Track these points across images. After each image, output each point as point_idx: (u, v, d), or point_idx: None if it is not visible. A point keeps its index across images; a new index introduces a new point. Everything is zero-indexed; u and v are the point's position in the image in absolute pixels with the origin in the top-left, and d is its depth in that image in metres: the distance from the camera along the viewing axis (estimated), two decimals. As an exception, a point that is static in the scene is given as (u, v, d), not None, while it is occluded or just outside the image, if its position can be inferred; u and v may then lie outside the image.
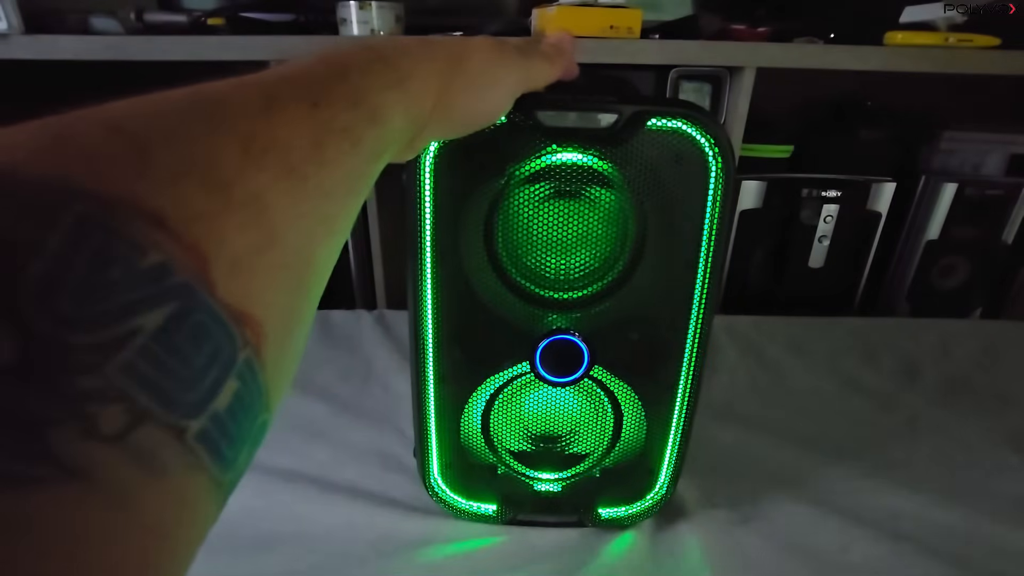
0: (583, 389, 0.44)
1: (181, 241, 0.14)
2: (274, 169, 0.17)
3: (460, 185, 0.37)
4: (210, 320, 0.14)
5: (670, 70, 0.82)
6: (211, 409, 0.14)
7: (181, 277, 0.14)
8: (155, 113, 0.15)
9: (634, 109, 0.35)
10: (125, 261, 0.13)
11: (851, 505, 0.51)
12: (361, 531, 0.48)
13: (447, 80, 0.25)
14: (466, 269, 0.39)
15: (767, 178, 0.89)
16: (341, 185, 0.19)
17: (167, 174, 0.14)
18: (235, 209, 0.15)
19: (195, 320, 0.14)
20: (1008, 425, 0.62)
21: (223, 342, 0.15)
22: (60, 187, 0.13)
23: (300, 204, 0.17)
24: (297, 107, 0.18)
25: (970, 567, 0.45)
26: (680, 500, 0.51)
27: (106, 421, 0.12)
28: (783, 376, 0.72)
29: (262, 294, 0.16)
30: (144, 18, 0.78)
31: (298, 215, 0.17)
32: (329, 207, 0.19)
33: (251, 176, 0.16)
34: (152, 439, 0.13)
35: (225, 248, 0.15)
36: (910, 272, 0.95)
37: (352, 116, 0.19)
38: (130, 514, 0.13)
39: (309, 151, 0.18)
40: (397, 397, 0.65)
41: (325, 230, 0.19)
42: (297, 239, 0.17)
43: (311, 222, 0.18)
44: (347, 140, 0.19)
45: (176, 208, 0.14)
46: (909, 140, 0.95)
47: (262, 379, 0.16)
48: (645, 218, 0.38)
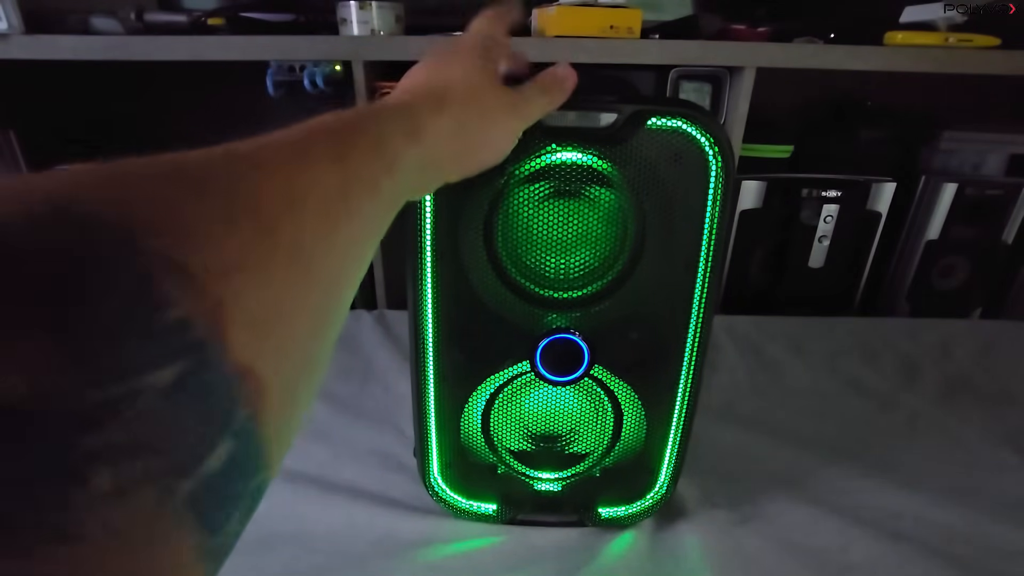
0: (583, 389, 0.44)
1: (203, 297, 0.14)
2: (311, 216, 0.17)
3: (460, 185, 0.37)
4: (216, 379, 0.14)
5: (670, 70, 0.82)
6: (203, 470, 0.14)
7: (198, 334, 0.13)
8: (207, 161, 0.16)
9: (634, 108, 0.35)
10: (151, 314, 0.13)
11: (851, 505, 0.51)
12: (361, 531, 0.48)
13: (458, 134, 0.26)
14: (466, 269, 0.39)
15: (767, 178, 0.89)
16: (364, 232, 0.20)
17: (200, 228, 0.14)
18: (261, 263, 0.15)
19: (202, 379, 0.14)
20: (1008, 425, 0.62)
21: (223, 402, 0.14)
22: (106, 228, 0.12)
23: (332, 251, 0.18)
24: (326, 159, 0.19)
25: (970, 567, 0.45)
26: (680, 500, 0.51)
27: (100, 482, 0.12)
28: (783, 376, 0.72)
29: (275, 348, 0.16)
30: (144, 18, 0.78)
31: (330, 262, 0.18)
32: (355, 252, 0.20)
33: (292, 222, 0.16)
34: (143, 502, 0.12)
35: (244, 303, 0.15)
36: (910, 272, 0.95)
37: (374, 167, 0.20)
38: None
39: (339, 202, 0.18)
40: (397, 397, 0.65)
41: (346, 279, 0.20)
42: (326, 286, 0.18)
43: (337, 269, 0.19)
44: (369, 190, 0.20)
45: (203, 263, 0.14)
46: (909, 140, 0.95)
47: (259, 439, 0.16)
48: (645, 217, 0.38)
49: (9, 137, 0.86)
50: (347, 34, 0.78)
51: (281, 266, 0.16)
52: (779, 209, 0.89)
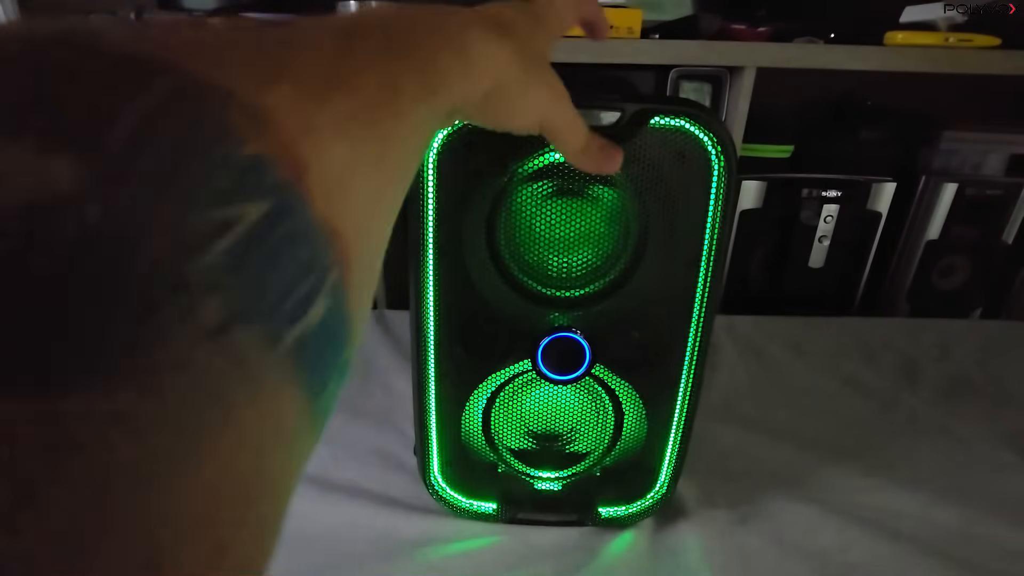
0: (584, 387, 0.44)
1: (279, 141, 0.13)
2: (356, 100, 0.16)
3: (462, 183, 0.37)
4: (307, 226, 0.13)
5: (670, 70, 0.81)
6: (304, 323, 0.13)
7: (280, 176, 0.12)
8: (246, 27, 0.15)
9: (637, 107, 0.35)
10: (225, 143, 0.12)
11: (851, 505, 0.51)
12: (361, 531, 0.48)
13: (504, 78, 0.24)
14: (468, 267, 0.39)
15: (767, 178, 0.88)
16: (408, 141, 0.19)
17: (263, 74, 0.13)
18: (328, 126, 0.14)
19: (292, 223, 0.13)
20: (1008, 425, 0.62)
21: (318, 255, 0.13)
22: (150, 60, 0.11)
23: (378, 144, 0.16)
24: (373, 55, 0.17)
25: (970, 567, 0.45)
26: (680, 500, 0.51)
27: (207, 312, 0.11)
28: (783, 376, 0.72)
29: (350, 218, 0.15)
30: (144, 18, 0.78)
31: (376, 155, 0.16)
32: (395, 157, 0.18)
33: (338, 99, 0.15)
34: (249, 342, 0.11)
35: (319, 163, 0.14)
36: (910, 272, 0.95)
37: (420, 79, 0.19)
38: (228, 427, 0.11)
39: (385, 97, 0.17)
40: (397, 397, 0.65)
41: (394, 179, 0.18)
42: (374, 180, 0.16)
43: (384, 168, 0.17)
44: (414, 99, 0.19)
45: (274, 107, 0.13)
46: (909, 140, 0.95)
47: (347, 308, 0.15)
48: (647, 216, 0.38)
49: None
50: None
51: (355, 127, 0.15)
52: (779, 209, 0.89)
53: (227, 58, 0.13)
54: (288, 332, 0.13)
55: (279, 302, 0.12)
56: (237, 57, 0.13)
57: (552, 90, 0.27)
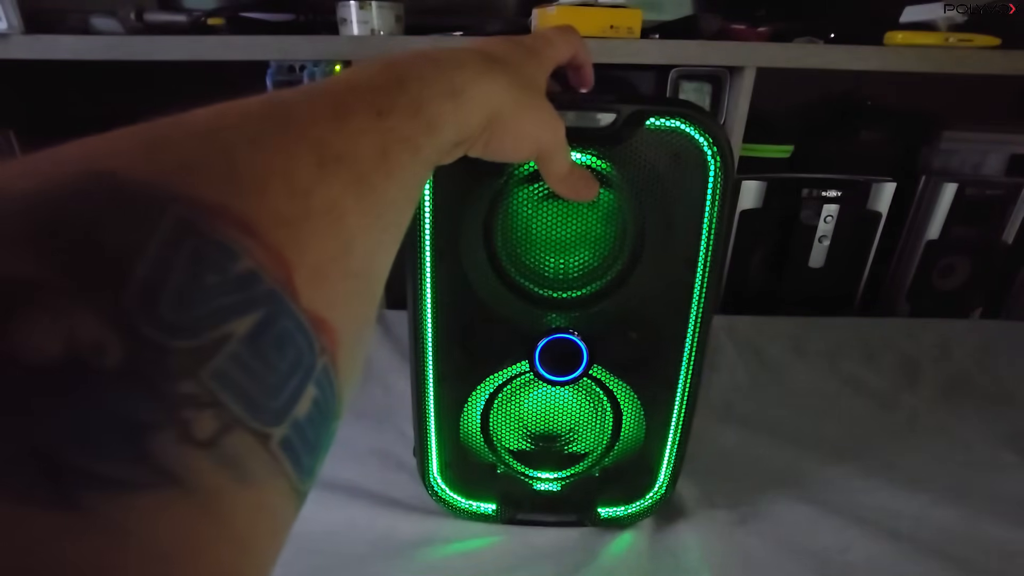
0: (582, 388, 0.44)
1: (269, 248, 0.14)
2: (346, 177, 0.17)
3: (459, 184, 0.37)
4: (294, 327, 0.14)
5: (670, 70, 0.81)
6: (292, 416, 0.14)
7: (269, 285, 0.14)
8: (238, 121, 0.16)
9: (632, 108, 0.35)
10: (220, 267, 0.13)
11: (851, 505, 0.51)
12: (361, 531, 0.48)
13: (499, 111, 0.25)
14: (465, 268, 0.39)
15: (767, 178, 0.88)
16: (403, 193, 0.19)
17: (253, 182, 0.14)
18: (314, 217, 0.15)
19: (280, 327, 0.14)
20: (1008, 425, 0.62)
21: (304, 349, 0.15)
22: (159, 192, 0.13)
23: (369, 212, 0.18)
24: (364, 116, 0.18)
25: (970, 567, 0.45)
26: (680, 500, 0.51)
27: (199, 427, 0.12)
28: (783, 376, 0.72)
29: (338, 302, 0.16)
30: (144, 18, 0.78)
31: (368, 224, 0.17)
32: (392, 215, 0.19)
33: (327, 184, 0.16)
34: (240, 446, 0.13)
35: (307, 256, 0.15)
36: (910, 272, 0.95)
37: (413, 126, 0.20)
38: (220, 524, 0.13)
39: (376, 161, 0.18)
40: (397, 397, 0.65)
41: (389, 238, 0.19)
42: (366, 247, 0.18)
43: (378, 231, 0.18)
44: (408, 150, 0.19)
45: (262, 215, 0.14)
46: (909, 140, 0.95)
47: (336, 385, 0.16)
48: (644, 217, 0.38)
49: (9, 137, 0.86)
50: (347, 34, 0.78)
51: (328, 223, 0.16)
52: (779, 209, 0.89)
53: (222, 172, 0.14)
54: (278, 429, 0.14)
55: (268, 402, 0.13)
56: (232, 168, 0.14)
57: (547, 117, 0.28)
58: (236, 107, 0.16)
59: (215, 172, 0.14)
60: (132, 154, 0.13)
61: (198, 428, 0.12)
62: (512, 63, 0.26)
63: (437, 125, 0.21)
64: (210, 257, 0.13)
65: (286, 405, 0.14)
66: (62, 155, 0.13)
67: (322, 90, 0.18)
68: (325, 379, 0.15)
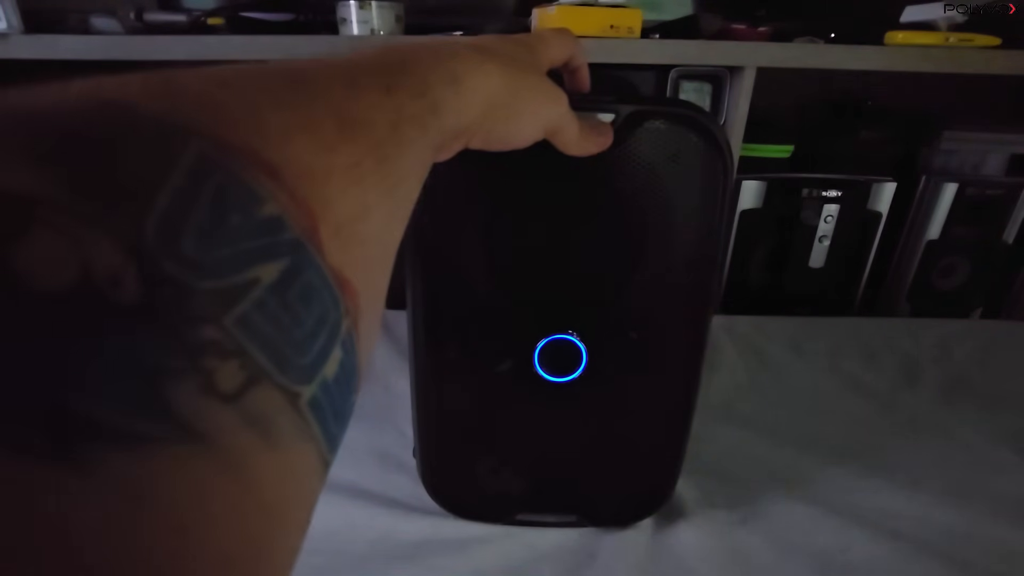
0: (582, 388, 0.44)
1: (295, 197, 0.13)
2: (365, 142, 0.16)
3: (459, 183, 0.37)
4: (320, 282, 0.13)
5: (670, 70, 0.81)
6: (322, 376, 0.13)
7: (295, 233, 0.13)
8: (258, 76, 0.15)
9: (632, 108, 0.35)
10: (244, 208, 0.12)
11: (851, 505, 0.51)
12: (361, 531, 0.48)
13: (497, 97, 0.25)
14: (464, 268, 0.39)
15: (767, 178, 0.88)
16: (412, 170, 0.19)
17: (279, 130, 0.14)
18: (337, 173, 0.15)
19: (306, 279, 0.13)
20: (1008, 425, 0.62)
21: (331, 307, 0.14)
22: (179, 126, 0.12)
23: (387, 179, 0.17)
24: (375, 91, 0.18)
25: (970, 567, 0.45)
26: (680, 500, 0.51)
27: (223, 377, 0.11)
28: (783, 376, 0.72)
29: (358, 266, 0.15)
30: (144, 18, 0.78)
31: (385, 191, 0.17)
32: (404, 189, 0.19)
33: (351, 143, 0.16)
34: (268, 402, 0.12)
35: (329, 212, 0.14)
36: (910, 272, 0.95)
37: (420, 105, 0.20)
38: (246, 488, 0.11)
39: (389, 132, 0.18)
40: (397, 397, 0.65)
41: (400, 213, 0.19)
42: (382, 215, 0.17)
43: (393, 202, 0.18)
44: (417, 127, 0.19)
45: (290, 163, 0.13)
46: (909, 140, 0.95)
47: (358, 356, 0.15)
48: (643, 217, 0.38)
49: (9, 137, 0.86)
50: (347, 34, 0.78)
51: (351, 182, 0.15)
52: (779, 209, 0.89)
53: (246, 116, 0.13)
54: (307, 388, 0.13)
55: (296, 359, 0.12)
56: (255, 115, 0.13)
57: (547, 92, 0.28)
58: (251, 65, 0.15)
59: (239, 116, 0.13)
60: (150, 91, 0.12)
61: (222, 379, 0.11)
62: (506, 54, 0.26)
63: (440, 108, 0.21)
64: (235, 197, 0.12)
65: (315, 363, 0.13)
66: (74, 87, 0.12)
67: (332, 63, 0.18)
68: (350, 342, 0.14)
